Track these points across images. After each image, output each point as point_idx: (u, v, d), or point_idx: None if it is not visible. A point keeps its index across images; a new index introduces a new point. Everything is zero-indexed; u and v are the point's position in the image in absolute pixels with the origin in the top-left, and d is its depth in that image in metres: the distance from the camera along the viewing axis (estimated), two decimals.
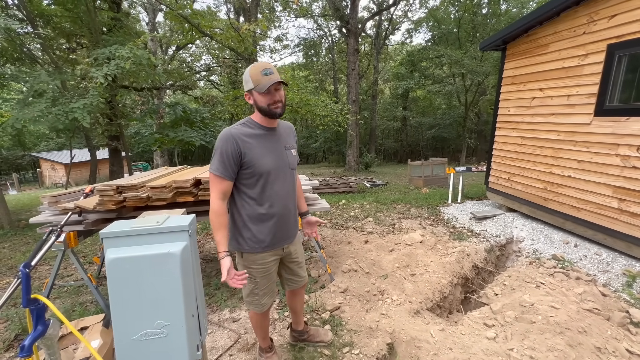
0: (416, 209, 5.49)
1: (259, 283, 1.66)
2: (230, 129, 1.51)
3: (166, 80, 10.08)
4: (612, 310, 2.39)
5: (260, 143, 1.54)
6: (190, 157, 32.48)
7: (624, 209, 3.07)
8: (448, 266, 3.19)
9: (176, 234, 0.93)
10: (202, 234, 4.78)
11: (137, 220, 0.97)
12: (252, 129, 1.55)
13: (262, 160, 1.53)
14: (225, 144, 1.46)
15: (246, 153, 1.49)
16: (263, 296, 1.69)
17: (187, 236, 0.93)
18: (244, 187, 1.55)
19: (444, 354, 2.01)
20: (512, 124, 4.55)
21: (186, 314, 0.90)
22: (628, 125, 3.03)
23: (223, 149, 1.45)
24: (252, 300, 1.70)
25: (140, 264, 0.88)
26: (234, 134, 1.48)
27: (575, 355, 1.90)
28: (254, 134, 1.54)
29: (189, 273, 0.91)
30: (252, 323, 1.87)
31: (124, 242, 0.88)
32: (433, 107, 25.56)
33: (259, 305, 1.70)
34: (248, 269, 1.63)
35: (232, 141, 1.46)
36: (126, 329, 0.89)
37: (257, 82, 1.48)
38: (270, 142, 1.59)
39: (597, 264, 3.10)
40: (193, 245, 0.97)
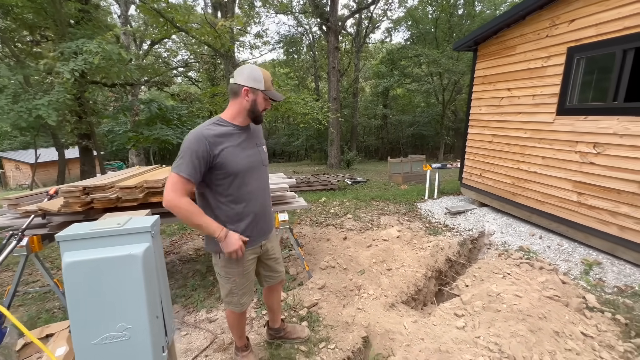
0: (394, 205, 5.62)
1: (238, 283, 1.66)
2: (201, 130, 1.45)
3: (140, 76, 9.72)
4: (571, 296, 2.56)
5: (234, 142, 1.52)
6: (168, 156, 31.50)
7: (583, 202, 3.29)
8: (423, 260, 3.30)
9: (138, 236, 0.92)
10: (179, 235, 4.68)
11: (97, 222, 0.95)
12: (224, 127, 1.52)
13: (236, 159, 1.51)
14: (196, 145, 1.40)
15: (218, 154, 1.45)
16: (242, 296, 1.70)
17: (150, 237, 0.92)
18: (218, 187, 1.52)
19: (416, 345, 2.08)
20: (484, 122, 4.75)
21: (149, 315, 0.89)
22: (586, 124, 3.24)
23: (194, 150, 1.40)
24: (231, 300, 1.69)
25: (100, 267, 0.86)
26: (206, 135, 1.43)
27: (536, 339, 2.02)
28: (226, 133, 1.51)
29: (152, 274, 0.90)
30: (229, 322, 1.87)
31: (82, 245, 0.86)
32: (412, 105, 26.09)
33: (238, 305, 1.71)
34: (226, 270, 1.63)
35: (204, 143, 1.42)
36: (86, 333, 0.87)
37: (269, 87, 1.54)
38: (243, 140, 1.58)
39: (559, 254, 3.31)
40: (157, 247, 0.96)
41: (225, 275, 1.66)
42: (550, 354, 1.92)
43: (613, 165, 2.99)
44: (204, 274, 3.25)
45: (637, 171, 2.80)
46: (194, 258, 3.74)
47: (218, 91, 10.60)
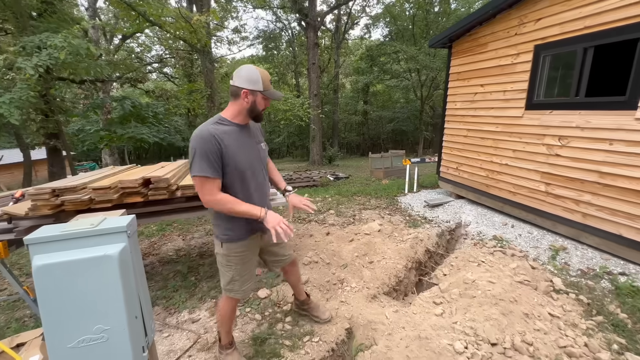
0: (376, 199, 5.72)
1: (239, 270, 1.73)
2: (207, 128, 1.52)
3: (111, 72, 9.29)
4: (539, 280, 2.73)
5: (235, 140, 1.60)
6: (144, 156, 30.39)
7: (550, 191, 3.49)
8: (403, 252, 3.40)
9: (113, 236, 0.90)
10: (158, 235, 4.56)
11: (69, 223, 0.92)
12: (226, 126, 1.60)
13: (238, 156, 1.59)
14: (207, 144, 1.48)
15: (225, 151, 1.53)
16: (244, 283, 1.77)
17: (126, 237, 0.91)
18: (224, 183, 1.60)
19: (397, 333, 2.16)
20: (459, 117, 4.91)
21: (128, 316, 0.88)
22: (552, 118, 3.43)
23: (205, 150, 1.47)
24: (232, 287, 1.75)
25: (73, 269, 0.84)
26: (213, 132, 1.50)
27: (507, 322, 2.15)
28: (228, 131, 1.58)
29: (129, 275, 0.89)
30: (221, 314, 1.87)
31: (53, 247, 0.84)
32: (392, 101, 26.50)
33: (240, 292, 1.77)
34: (227, 258, 1.71)
35: (212, 140, 1.49)
36: (61, 338, 0.85)
37: (267, 87, 1.59)
38: (243, 138, 1.66)
39: (529, 241, 3.50)
40: (133, 246, 0.95)
41: (227, 264, 1.73)
42: (520, 334, 2.04)
43: (576, 157, 3.19)
44: (185, 275, 3.20)
45: (597, 162, 3.01)
46: (175, 259, 3.66)
47: (195, 88, 10.32)
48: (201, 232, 4.62)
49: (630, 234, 2.81)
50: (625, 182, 2.81)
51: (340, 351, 2.19)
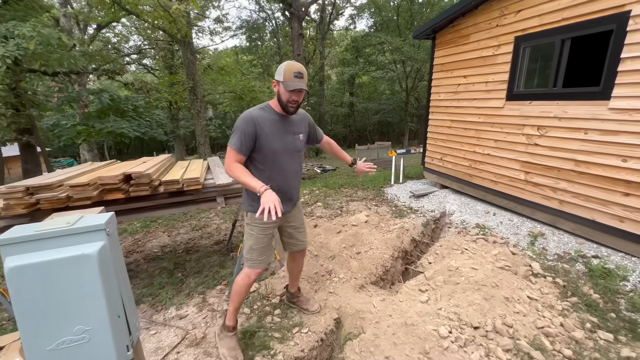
0: (362, 191, 5.77)
1: (258, 239, 1.92)
2: (251, 113, 1.77)
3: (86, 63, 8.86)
4: (519, 265, 2.84)
5: (273, 127, 1.80)
6: (126, 151, 29.44)
7: (529, 180, 3.61)
8: (390, 242, 3.46)
9: (91, 234, 0.87)
10: (142, 232, 4.46)
11: (43, 222, 0.88)
12: (268, 114, 1.81)
13: (272, 142, 1.79)
14: (246, 125, 1.72)
15: (260, 135, 1.75)
16: (260, 254, 1.93)
17: (105, 235, 0.88)
18: (255, 161, 1.83)
19: (384, 321, 2.21)
20: (443, 108, 4.98)
21: (110, 315, 0.86)
22: (531, 108, 3.53)
23: (242, 129, 1.71)
24: (251, 256, 1.93)
25: (49, 270, 0.81)
26: (254, 117, 1.74)
27: (489, 306, 2.23)
28: (269, 119, 1.79)
29: (110, 273, 0.87)
30: (235, 289, 1.98)
31: (26, 247, 0.80)
32: (378, 93, 26.55)
33: (256, 262, 1.94)
34: (249, 226, 1.94)
35: (252, 124, 1.72)
36: (39, 340, 0.82)
37: (287, 79, 1.71)
38: (281, 126, 1.84)
39: (510, 228, 3.63)
40: (113, 244, 0.92)
41: (249, 232, 1.94)
42: (501, 317, 2.13)
43: (553, 146, 3.30)
44: (171, 271, 3.15)
45: (573, 150, 3.12)
46: (160, 256, 3.60)
47: (177, 80, 10.00)
48: (187, 227, 4.55)
49: (603, 219, 2.95)
50: (598, 169, 2.93)
51: (329, 341, 2.23)
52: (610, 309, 2.29)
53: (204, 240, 4.02)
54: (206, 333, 2.24)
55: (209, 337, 2.21)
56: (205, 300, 2.66)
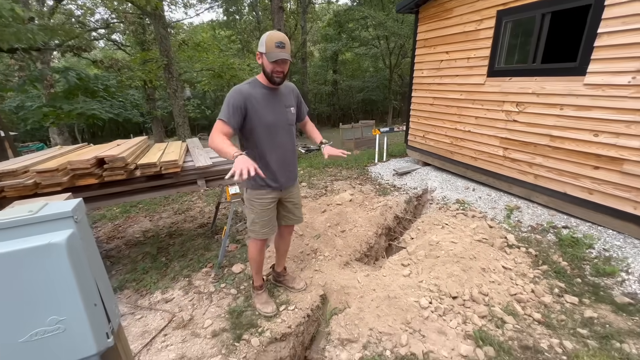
0: (347, 170, 5.79)
1: (259, 214, 1.99)
2: (240, 87, 1.79)
3: (48, 39, 8.15)
4: (495, 237, 2.98)
5: (263, 101, 1.81)
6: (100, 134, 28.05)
7: (507, 155, 3.71)
8: (374, 220, 3.53)
9: (58, 222, 0.83)
10: (123, 218, 4.34)
11: (3, 211, 0.83)
12: (257, 88, 1.82)
13: (264, 116, 1.81)
14: (234, 98, 1.73)
15: (249, 108, 1.76)
16: (263, 226, 2.02)
17: (73, 223, 0.84)
18: (251, 137, 1.85)
19: (368, 295, 2.29)
20: (426, 85, 4.96)
21: (85, 304, 0.84)
22: (511, 85, 3.57)
23: (231, 101, 1.72)
24: (254, 228, 2.03)
25: (13, 261, 0.77)
26: (243, 91, 1.76)
27: (467, 277, 2.35)
28: (258, 93, 1.80)
29: (81, 261, 0.83)
30: (249, 255, 2.17)
31: None
32: (361, 70, 26.10)
33: (260, 233, 2.03)
34: (250, 201, 1.99)
35: (241, 97, 1.74)
36: (10, 333, 0.79)
37: (269, 50, 1.69)
38: (271, 99, 1.85)
39: (488, 202, 3.77)
40: (84, 232, 0.88)
41: (250, 207, 2.00)
42: (478, 287, 2.25)
43: (531, 122, 3.39)
44: (154, 256, 3.11)
45: (549, 126, 3.21)
46: (142, 241, 3.53)
47: (150, 57, 9.41)
48: (169, 211, 4.46)
49: (574, 192, 3.10)
50: (572, 144, 3.04)
51: (315, 316, 2.29)
52: (577, 274, 2.46)
53: (188, 223, 3.96)
54: (193, 315, 2.25)
55: (196, 318, 2.22)
56: (191, 283, 2.65)
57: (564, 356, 1.73)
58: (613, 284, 2.32)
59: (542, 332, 1.92)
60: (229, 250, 3.09)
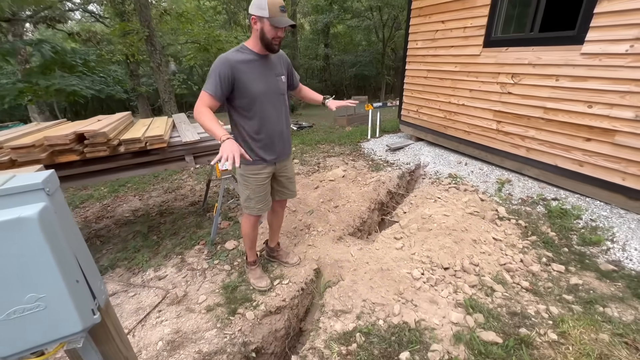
0: (339, 146, 5.72)
1: (255, 190, 1.94)
2: (227, 55, 1.67)
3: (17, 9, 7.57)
4: (487, 210, 3.01)
5: (253, 69, 1.70)
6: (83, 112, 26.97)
7: (500, 129, 3.69)
8: (366, 195, 3.52)
9: (28, 195, 0.76)
10: (111, 197, 4.24)
11: None
12: (246, 54, 1.71)
13: (253, 84, 1.70)
14: (220, 67, 1.62)
15: (239, 78, 1.66)
16: (258, 202, 1.98)
17: (45, 196, 0.77)
18: (241, 109, 1.76)
19: (362, 268, 2.31)
20: (420, 57, 4.81)
21: (66, 281, 0.79)
22: (507, 55, 3.47)
23: (217, 71, 1.61)
24: (249, 205, 1.99)
25: None
26: (230, 59, 1.64)
27: (459, 248, 2.38)
28: (247, 60, 1.69)
29: (57, 236, 0.78)
30: (243, 230, 2.15)
31: None
32: (354, 44, 25.27)
33: (255, 209, 2.00)
34: (245, 177, 1.92)
35: (228, 66, 1.62)
36: None
37: (274, 14, 1.57)
38: (261, 68, 1.74)
39: (480, 176, 3.78)
40: (58, 205, 0.82)
41: (244, 183, 1.94)
42: (469, 257, 2.29)
43: (525, 94, 3.33)
44: (145, 235, 3.07)
45: (543, 98, 3.17)
46: (132, 220, 3.47)
47: (130, 28, 8.85)
48: (159, 190, 4.37)
49: (565, 164, 3.12)
50: (565, 116, 3.02)
51: (309, 289, 2.32)
52: (564, 244, 2.52)
53: (178, 202, 3.90)
54: (187, 291, 2.25)
55: (190, 294, 2.22)
56: (184, 260, 2.64)
57: (550, 321, 1.79)
58: (598, 253, 2.39)
59: (529, 299, 1.98)
60: (222, 228, 3.07)
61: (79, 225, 3.46)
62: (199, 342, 1.81)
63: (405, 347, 1.66)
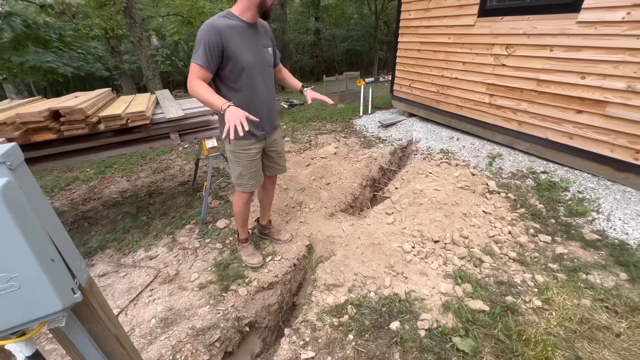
0: (331, 124, 5.63)
1: (246, 166, 1.89)
2: (213, 21, 1.55)
3: None
4: (477, 184, 3.03)
5: (241, 37, 1.61)
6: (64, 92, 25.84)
7: (493, 102, 3.64)
8: (358, 171, 3.50)
9: None
10: (97, 179, 4.13)
11: None
12: (233, 21, 1.60)
13: (243, 53, 1.62)
14: (208, 35, 1.51)
15: (228, 46, 1.56)
16: (250, 179, 1.94)
17: (7, 170, 0.72)
18: (228, 80, 1.67)
19: (353, 243, 2.32)
20: (413, 29, 4.65)
21: (40, 260, 0.76)
22: (502, 25, 3.36)
23: (206, 40, 1.51)
24: (242, 182, 1.95)
25: None
26: (217, 25, 1.53)
27: (449, 222, 2.40)
28: (235, 26, 1.59)
29: (26, 214, 0.73)
30: (234, 209, 2.12)
31: None
32: (345, 17, 24.33)
33: (247, 186, 1.96)
34: (235, 154, 1.86)
35: (216, 33, 1.52)
36: None
37: None
38: (250, 37, 1.66)
39: (471, 151, 3.78)
40: (24, 180, 0.77)
41: (235, 159, 1.89)
42: (458, 230, 2.32)
43: (519, 66, 3.27)
44: (134, 215, 3.02)
45: (536, 69, 3.11)
46: (120, 201, 3.40)
47: None
48: (147, 171, 4.27)
49: (555, 137, 3.12)
50: (557, 88, 2.98)
51: (301, 265, 2.34)
52: (551, 215, 2.57)
53: (167, 182, 3.82)
54: (179, 270, 2.25)
55: (182, 273, 2.22)
56: (175, 239, 2.61)
57: (535, 288, 1.85)
58: (584, 223, 2.45)
59: (516, 268, 2.03)
60: (212, 207, 3.03)
61: (65, 207, 3.38)
62: (192, 319, 1.83)
63: (396, 317, 1.70)
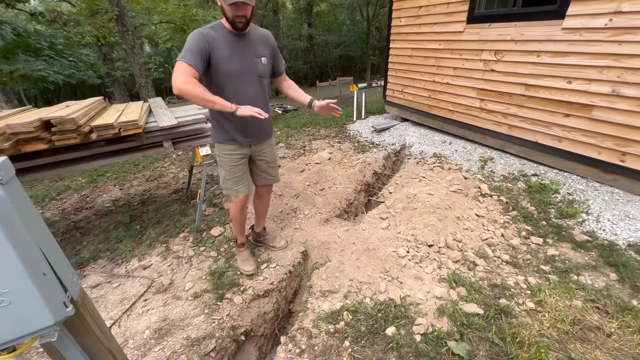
0: (325, 129, 5.66)
1: (229, 170, 1.92)
2: (201, 30, 1.63)
3: None
4: (470, 188, 3.07)
5: (228, 47, 1.66)
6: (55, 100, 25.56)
7: (483, 107, 3.71)
8: (353, 177, 3.52)
9: None
10: (90, 188, 4.09)
11: None
12: (221, 32, 1.66)
13: (228, 62, 1.66)
14: (196, 40, 1.57)
15: (214, 54, 1.62)
16: (235, 184, 1.95)
17: None
18: (213, 86, 1.70)
19: (348, 248, 2.33)
20: (404, 35, 4.72)
21: (31, 274, 0.75)
22: (490, 32, 3.44)
23: (194, 44, 1.56)
24: (226, 186, 1.98)
25: None
26: (205, 34, 1.60)
27: (442, 225, 2.43)
28: (222, 37, 1.65)
29: (17, 228, 0.73)
30: (230, 214, 2.16)
31: None
32: (338, 23, 24.61)
33: (232, 190, 1.98)
34: (220, 157, 1.92)
35: (203, 39, 1.58)
36: None
37: None
38: (238, 46, 1.69)
39: (463, 155, 3.83)
40: (15, 194, 0.76)
41: (220, 163, 1.95)
42: (452, 234, 2.34)
43: (508, 71, 3.34)
44: (127, 225, 2.99)
45: (524, 74, 3.19)
46: (113, 210, 3.37)
47: (98, 7, 8.28)
48: (140, 179, 4.24)
49: (545, 140, 3.18)
50: (545, 92, 3.05)
51: (297, 272, 2.33)
52: (543, 217, 2.61)
53: (161, 190, 3.80)
54: (173, 279, 2.23)
55: (176, 282, 2.20)
56: (169, 248, 2.59)
57: (528, 291, 1.87)
58: (574, 224, 2.49)
59: (509, 271, 2.06)
60: (206, 214, 3.02)
61: (57, 217, 3.33)
62: (187, 329, 1.81)
63: (391, 322, 1.71)
